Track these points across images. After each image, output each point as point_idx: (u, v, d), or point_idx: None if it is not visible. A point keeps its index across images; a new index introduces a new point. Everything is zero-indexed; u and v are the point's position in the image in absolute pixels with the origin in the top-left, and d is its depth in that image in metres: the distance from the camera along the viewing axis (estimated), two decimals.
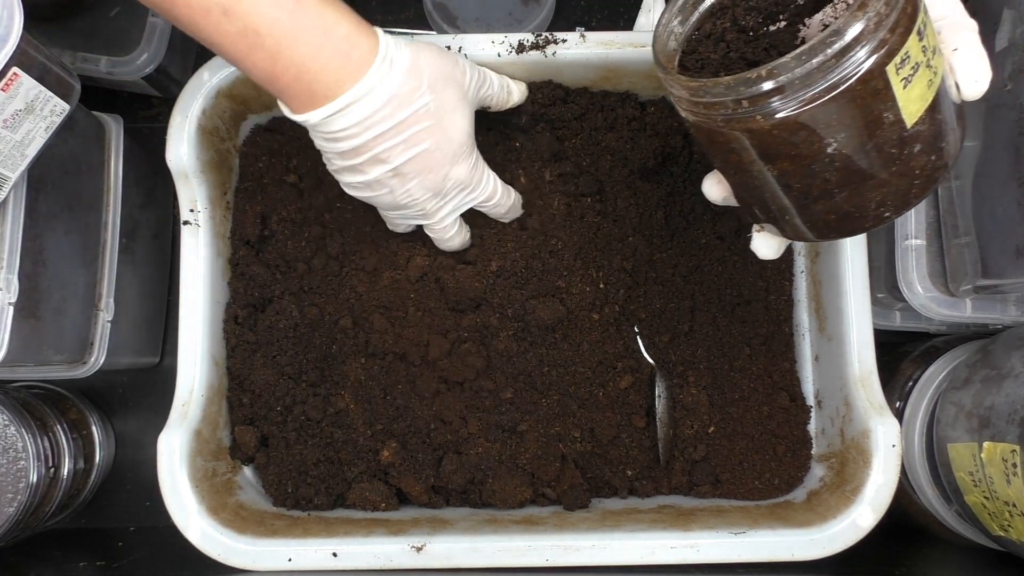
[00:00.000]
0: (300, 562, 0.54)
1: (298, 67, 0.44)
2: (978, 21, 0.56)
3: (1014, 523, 0.52)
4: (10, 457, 0.62)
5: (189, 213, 0.59)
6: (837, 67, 0.34)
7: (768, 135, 0.37)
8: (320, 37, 0.44)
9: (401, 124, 0.47)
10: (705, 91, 0.37)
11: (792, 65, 0.34)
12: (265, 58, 0.44)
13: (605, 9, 0.80)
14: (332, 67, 0.45)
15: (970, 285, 0.57)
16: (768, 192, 0.41)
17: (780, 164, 0.38)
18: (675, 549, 0.54)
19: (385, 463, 0.60)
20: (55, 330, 0.60)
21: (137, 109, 0.78)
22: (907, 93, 0.36)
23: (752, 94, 0.35)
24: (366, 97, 0.46)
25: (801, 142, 0.37)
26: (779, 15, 0.41)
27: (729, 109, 0.37)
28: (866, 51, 0.34)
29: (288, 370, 0.60)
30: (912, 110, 0.36)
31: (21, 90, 0.47)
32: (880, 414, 0.55)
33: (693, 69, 0.42)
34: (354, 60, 0.45)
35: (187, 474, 0.55)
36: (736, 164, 0.40)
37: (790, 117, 0.36)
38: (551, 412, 0.60)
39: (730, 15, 0.42)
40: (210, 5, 0.42)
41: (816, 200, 0.40)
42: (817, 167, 0.38)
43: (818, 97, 0.35)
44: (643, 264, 0.63)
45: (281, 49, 0.44)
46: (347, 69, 0.45)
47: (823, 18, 0.41)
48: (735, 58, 0.40)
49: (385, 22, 0.81)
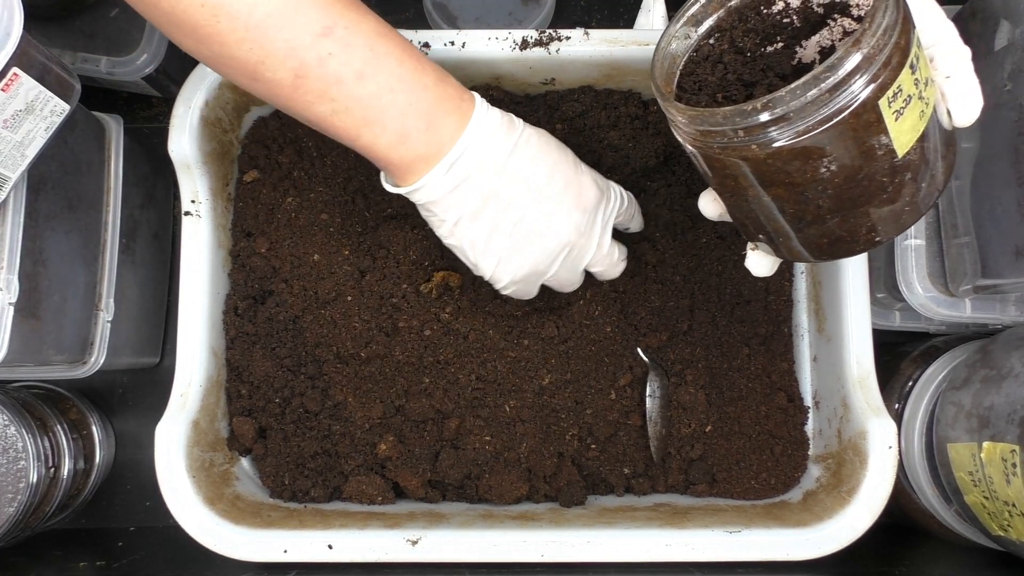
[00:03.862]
0: (296, 554, 0.54)
1: (427, 117, 0.45)
2: (977, 21, 0.56)
3: (1014, 523, 0.52)
4: (10, 457, 0.62)
5: (190, 204, 0.59)
6: (831, 100, 0.35)
7: (763, 163, 0.38)
8: (442, 84, 0.46)
9: (514, 150, 0.49)
10: (702, 120, 0.38)
11: (787, 98, 0.35)
12: (396, 116, 0.45)
13: (605, 9, 0.80)
14: (453, 109, 0.46)
15: (970, 285, 0.57)
16: (763, 214, 0.42)
17: (774, 190, 0.39)
18: (670, 547, 0.54)
19: (382, 456, 0.60)
20: (55, 330, 0.60)
21: (137, 109, 0.79)
22: (899, 125, 0.36)
23: (748, 124, 0.36)
24: (480, 128, 0.47)
25: (795, 171, 0.38)
26: (776, 37, 0.42)
27: (726, 137, 0.37)
28: (860, 85, 0.35)
29: (287, 362, 0.61)
30: (903, 141, 0.37)
31: (21, 90, 0.48)
32: (877, 415, 0.55)
33: (691, 91, 0.42)
34: (466, 102, 0.47)
35: (184, 464, 0.55)
36: (732, 188, 0.41)
37: (784, 147, 0.36)
38: (549, 409, 0.61)
39: (728, 37, 0.43)
40: (342, 73, 0.43)
41: (809, 224, 0.41)
42: (810, 194, 0.39)
43: (812, 129, 0.36)
44: (643, 263, 0.63)
45: (412, 101, 0.45)
46: (462, 110, 0.47)
47: (819, 40, 0.41)
48: (732, 80, 0.41)
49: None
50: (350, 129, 0.45)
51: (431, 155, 0.46)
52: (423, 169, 0.46)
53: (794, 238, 0.43)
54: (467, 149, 0.46)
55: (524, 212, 0.49)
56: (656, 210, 0.63)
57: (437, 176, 0.46)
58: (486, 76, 0.60)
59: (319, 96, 0.44)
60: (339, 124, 0.45)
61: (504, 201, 0.48)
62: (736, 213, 0.45)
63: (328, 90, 0.43)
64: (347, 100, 0.44)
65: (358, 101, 0.44)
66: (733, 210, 0.45)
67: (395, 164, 0.47)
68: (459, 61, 0.58)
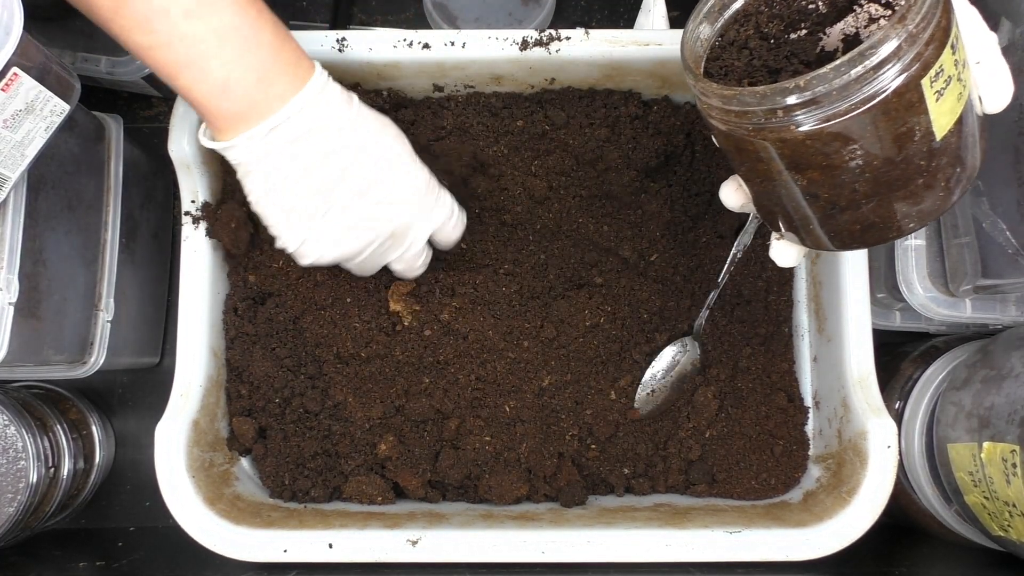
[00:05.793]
0: (295, 553, 0.54)
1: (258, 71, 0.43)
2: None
3: (1014, 523, 0.52)
4: (10, 457, 0.62)
5: (190, 204, 0.59)
6: (873, 79, 0.34)
7: (800, 145, 0.37)
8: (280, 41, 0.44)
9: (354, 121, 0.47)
10: (739, 100, 0.37)
11: (830, 76, 0.34)
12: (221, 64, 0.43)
13: (605, 9, 0.80)
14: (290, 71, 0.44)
15: (970, 285, 0.57)
16: (792, 202, 0.41)
17: (809, 174, 0.39)
18: (670, 547, 0.54)
19: (382, 456, 0.60)
20: (55, 330, 0.60)
21: (137, 109, 0.79)
22: (939, 106, 0.36)
23: (787, 104, 0.36)
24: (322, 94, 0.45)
25: (833, 152, 0.37)
26: (800, 23, 0.42)
27: (761, 118, 0.37)
28: (902, 64, 0.34)
29: (287, 362, 0.61)
30: (942, 123, 0.37)
31: (21, 90, 0.48)
32: (877, 416, 0.55)
33: (717, 76, 0.42)
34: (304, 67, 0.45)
35: (184, 464, 0.55)
36: (763, 173, 0.41)
37: (824, 128, 0.36)
38: (549, 409, 0.61)
39: (753, 22, 0.42)
40: (169, 5, 0.41)
41: (843, 210, 0.40)
42: (847, 177, 0.38)
43: (853, 109, 0.35)
44: (643, 262, 0.63)
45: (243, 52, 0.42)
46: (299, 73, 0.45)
47: (843, 27, 0.41)
48: (758, 66, 0.41)
49: (385, 22, 0.81)
50: (169, 66, 0.42)
51: (254, 113, 0.44)
52: (242, 127, 0.44)
53: (824, 226, 0.42)
54: (298, 113, 0.44)
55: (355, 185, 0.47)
56: (656, 210, 0.63)
57: (258, 136, 0.44)
58: (486, 76, 0.60)
59: (140, 24, 0.41)
60: (159, 58, 0.42)
61: (331, 172, 0.46)
62: (763, 201, 0.44)
63: (151, 20, 0.40)
64: (169, 35, 0.41)
65: (181, 39, 0.41)
66: (760, 198, 0.44)
67: (213, 115, 0.45)
68: (459, 61, 0.58)
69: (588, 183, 0.62)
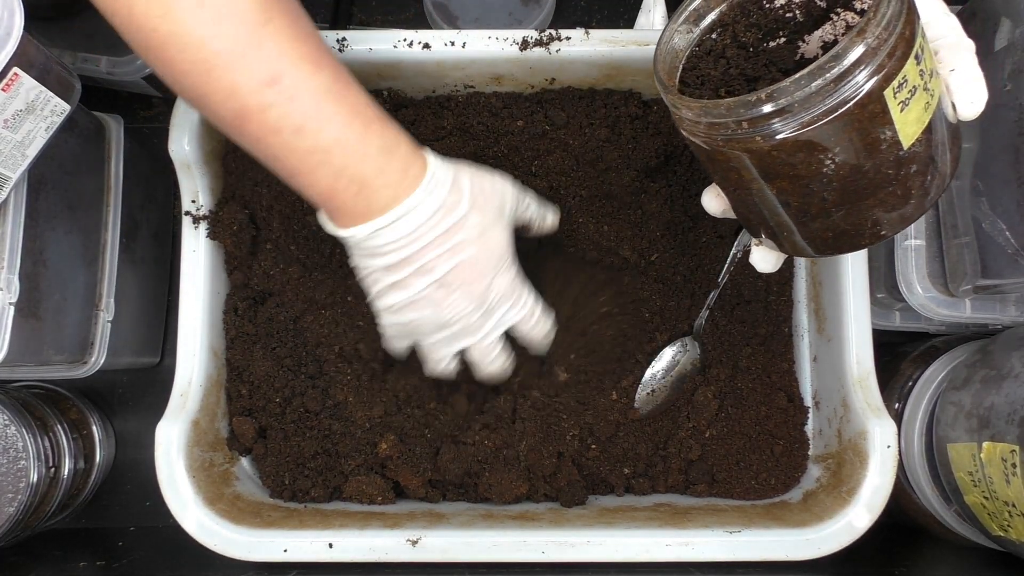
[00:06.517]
0: (296, 553, 0.54)
1: (360, 183, 0.46)
2: (977, 21, 0.56)
3: (1014, 523, 0.52)
4: (10, 457, 0.62)
5: (191, 204, 0.59)
6: (836, 91, 0.35)
7: (767, 155, 0.37)
8: (386, 156, 0.46)
9: (446, 233, 0.49)
10: (706, 112, 0.37)
11: (791, 89, 0.35)
12: (329, 174, 0.46)
13: (605, 9, 0.80)
14: (393, 183, 0.47)
15: (970, 285, 0.57)
16: (767, 209, 0.42)
17: (778, 183, 0.39)
18: (670, 547, 0.54)
19: (383, 456, 0.60)
20: (55, 330, 0.60)
21: (137, 109, 0.79)
22: (904, 116, 0.36)
23: (752, 116, 0.36)
24: (417, 208, 0.47)
25: (799, 163, 0.37)
26: (779, 32, 0.42)
27: (730, 129, 0.37)
28: (864, 75, 0.34)
29: (287, 362, 0.61)
30: (909, 132, 0.37)
31: (22, 90, 0.48)
32: (877, 416, 0.55)
33: (693, 85, 0.42)
34: (411, 176, 0.47)
35: (184, 464, 0.55)
36: (736, 182, 0.41)
37: (788, 138, 0.36)
38: (550, 409, 0.61)
39: (730, 31, 0.43)
40: (281, 125, 0.43)
41: (814, 218, 0.41)
42: (815, 186, 0.38)
43: (816, 120, 0.35)
44: (644, 262, 0.63)
45: (348, 165, 0.45)
46: (403, 185, 0.47)
47: (822, 35, 0.41)
48: (735, 74, 0.41)
49: (385, 23, 0.81)
50: (282, 172, 0.47)
51: (359, 216, 0.47)
52: (350, 223, 0.48)
53: (798, 233, 0.42)
54: (402, 218, 0.47)
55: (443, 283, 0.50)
56: (656, 210, 0.63)
57: (360, 235, 0.48)
58: (486, 76, 0.60)
59: (256, 140, 0.45)
60: (275, 167, 0.46)
61: (425, 277, 0.50)
62: (740, 208, 0.45)
63: (265, 137, 0.44)
64: (282, 149, 0.45)
65: (292, 153, 0.45)
66: (736, 205, 0.45)
67: (327, 211, 0.49)
68: (459, 61, 0.58)
69: (588, 183, 0.62)
